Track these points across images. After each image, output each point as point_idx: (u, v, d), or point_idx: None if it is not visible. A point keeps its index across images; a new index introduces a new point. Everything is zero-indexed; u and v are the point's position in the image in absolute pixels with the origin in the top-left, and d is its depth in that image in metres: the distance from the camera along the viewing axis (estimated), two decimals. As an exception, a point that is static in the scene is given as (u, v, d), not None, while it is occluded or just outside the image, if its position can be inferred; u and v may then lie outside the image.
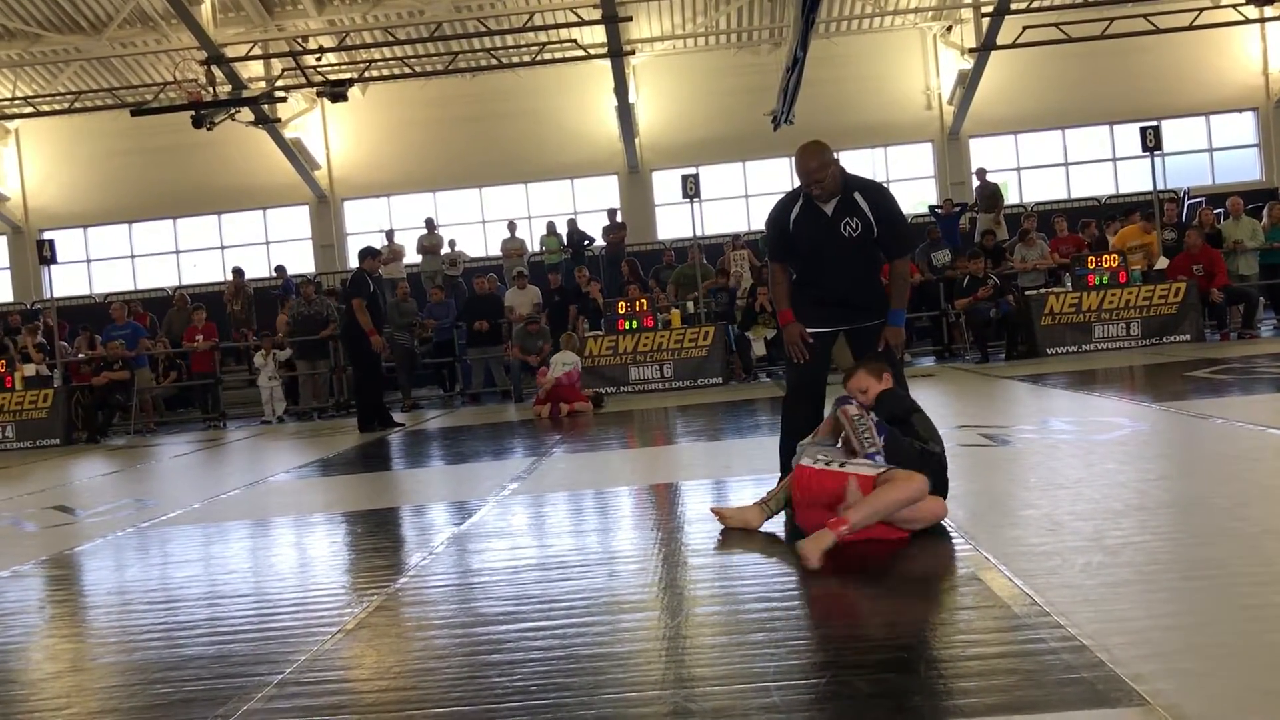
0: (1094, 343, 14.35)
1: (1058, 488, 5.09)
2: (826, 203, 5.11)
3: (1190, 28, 20.61)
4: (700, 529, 4.90)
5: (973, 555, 3.97)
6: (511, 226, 20.97)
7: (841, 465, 4.37)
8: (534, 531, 5.46)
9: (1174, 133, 22.24)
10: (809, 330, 5.21)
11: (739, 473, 6.61)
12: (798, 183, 5.22)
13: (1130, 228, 15.99)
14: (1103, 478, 5.24)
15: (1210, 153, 24.17)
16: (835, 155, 5.22)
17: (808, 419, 5.26)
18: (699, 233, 16.90)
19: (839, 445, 4.52)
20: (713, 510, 4.93)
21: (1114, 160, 24.27)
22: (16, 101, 22.68)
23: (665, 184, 23.92)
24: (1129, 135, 21.69)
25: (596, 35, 20.36)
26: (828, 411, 5.35)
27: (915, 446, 4.45)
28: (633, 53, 21.81)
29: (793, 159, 5.20)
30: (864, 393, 4.67)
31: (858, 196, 5.10)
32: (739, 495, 5.62)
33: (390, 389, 15.47)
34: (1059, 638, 2.94)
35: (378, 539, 5.63)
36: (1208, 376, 9.87)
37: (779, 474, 5.26)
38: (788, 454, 5.37)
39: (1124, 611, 3.13)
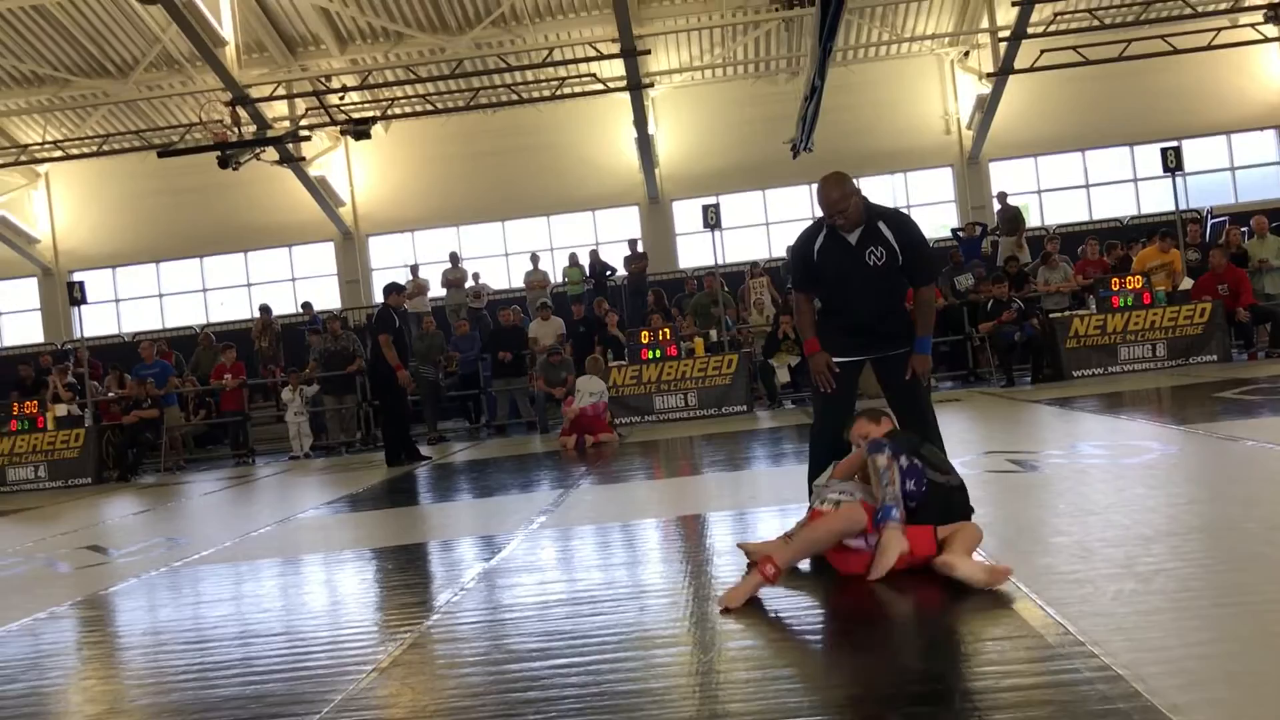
0: (1120, 365, 14.27)
1: (1087, 514, 5.06)
2: (850, 232, 5.13)
3: (1209, 48, 20.57)
4: (728, 561, 4.90)
5: (1004, 584, 3.95)
6: (534, 259, 21.12)
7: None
8: (563, 566, 5.47)
9: (1195, 152, 22.15)
10: (835, 359, 5.22)
11: (766, 503, 6.60)
12: (819, 212, 5.25)
13: (1149, 249, 15.93)
14: (1132, 503, 5.21)
15: (1232, 171, 24.07)
16: (857, 184, 5.25)
17: (835, 448, 5.26)
18: (720, 261, 16.93)
19: (856, 484, 4.48)
20: (739, 546, 4.90)
21: (1135, 181, 24.20)
22: (46, 145, 23.04)
23: (686, 213, 24.04)
24: (1149, 156, 21.66)
25: (615, 69, 20.53)
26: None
27: (949, 486, 4.43)
28: (651, 85, 21.97)
29: (813, 187, 5.25)
30: (865, 439, 4.64)
31: (881, 225, 5.13)
32: (766, 526, 5.62)
33: (416, 422, 15.54)
34: (1093, 667, 2.93)
35: (408, 575, 5.66)
36: (1236, 397, 9.79)
37: (808, 504, 5.26)
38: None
39: (1158, 640, 3.11)
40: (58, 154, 23.11)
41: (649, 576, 4.95)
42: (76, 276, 22.45)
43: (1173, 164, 15.38)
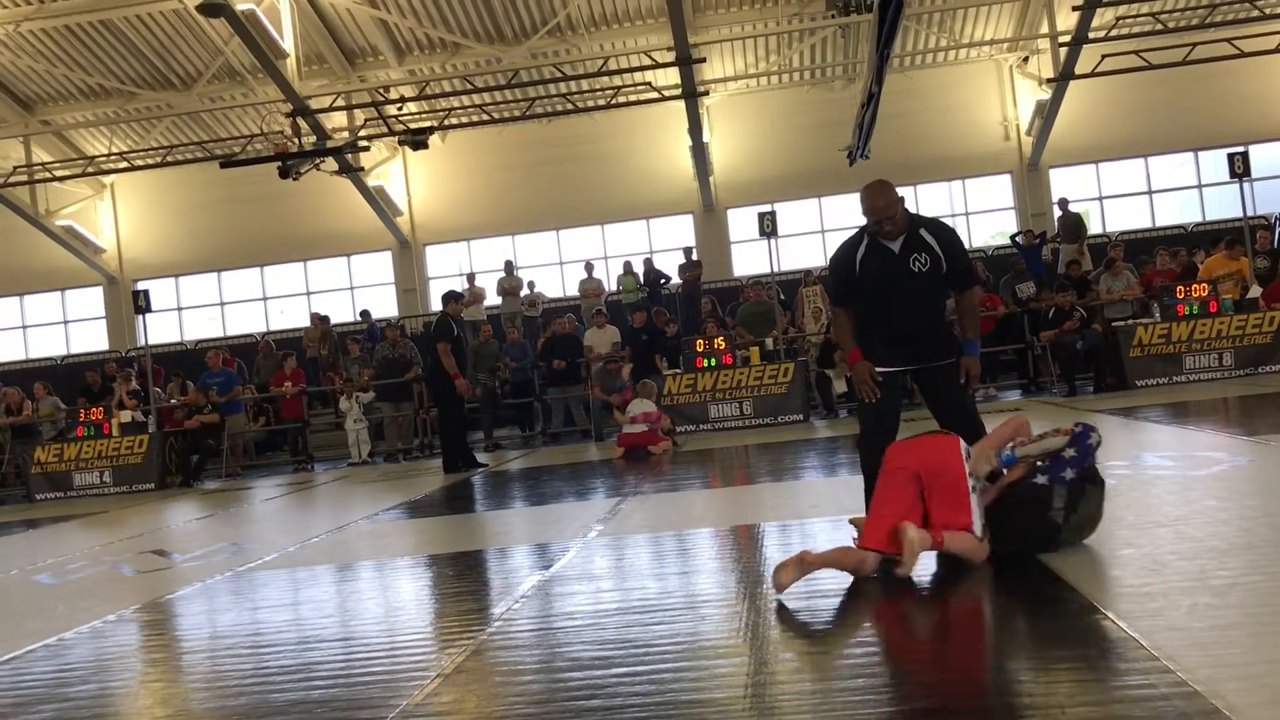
0: (1185, 374, 13.98)
1: (1157, 525, 4.96)
2: (894, 240, 5.12)
3: (1277, 50, 20.12)
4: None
5: (1073, 596, 3.87)
6: (589, 267, 21.16)
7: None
8: (620, 575, 5.46)
9: (1262, 157, 21.65)
10: (878, 369, 5.18)
11: (827, 513, 6.53)
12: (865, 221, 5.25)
13: (1215, 257, 15.59)
14: (1203, 515, 5.09)
15: (1302, 177, 23.49)
16: (903, 191, 5.24)
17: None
18: (775, 269, 16.84)
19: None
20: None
21: (1199, 187, 23.73)
22: (112, 157, 23.51)
23: (740, 221, 23.95)
24: (1213, 161, 21.21)
25: (670, 77, 20.53)
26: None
27: (1051, 518, 4.48)
28: (706, 93, 21.92)
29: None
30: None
31: (924, 233, 5.16)
32: (825, 537, 5.57)
33: (472, 429, 15.63)
34: (1170, 683, 2.85)
35: (467, 582, 5.68)
36: (1309, 408, 9.56)
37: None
38: (871, 494, 5.32)
39: (1237, 656, 3.03)
40: (123, 165, 23.55)
41: (706, 586, 4.92)
42: (141, 285, 22.89)
43: (1240, 169, 15.10)
